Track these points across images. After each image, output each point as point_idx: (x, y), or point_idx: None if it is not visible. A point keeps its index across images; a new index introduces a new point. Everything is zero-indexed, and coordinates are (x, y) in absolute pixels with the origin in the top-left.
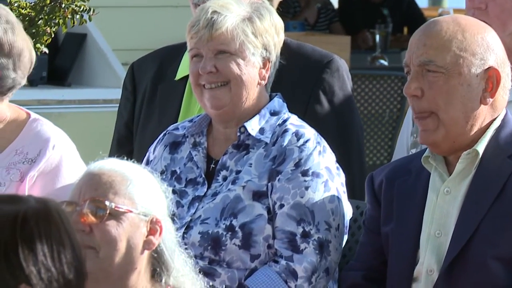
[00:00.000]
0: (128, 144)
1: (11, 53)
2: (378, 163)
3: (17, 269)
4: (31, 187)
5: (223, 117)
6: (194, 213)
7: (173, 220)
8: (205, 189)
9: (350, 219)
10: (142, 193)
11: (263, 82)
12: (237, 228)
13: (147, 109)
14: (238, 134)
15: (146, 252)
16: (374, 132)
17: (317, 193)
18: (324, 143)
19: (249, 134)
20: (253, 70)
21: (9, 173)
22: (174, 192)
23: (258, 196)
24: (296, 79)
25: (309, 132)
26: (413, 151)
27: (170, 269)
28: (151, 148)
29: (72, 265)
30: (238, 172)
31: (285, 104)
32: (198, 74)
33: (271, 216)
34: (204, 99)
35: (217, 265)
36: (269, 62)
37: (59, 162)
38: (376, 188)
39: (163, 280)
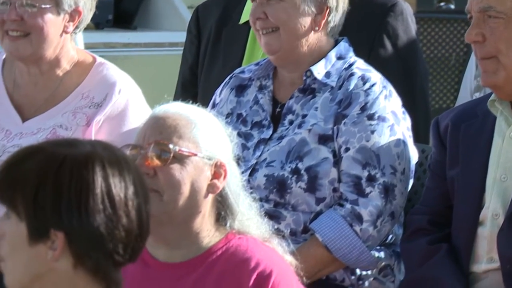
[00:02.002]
0: (193, 88)
1: None
2: (444, 107)
3: (41, 212)
4: (97, 131)
5: (278, 62)
6: (260, 155)
7: (238, 163)
8: (271, 132)
9: (416, 163)
10: (207, 137)
11: (317, 29)
12: (302, 171)
13: (211, 53)
14: (304, 78)
15: (210, 196)
16: (441, 75)
17: (383, 137)
18: (390, 87)
19: (315, 78)
20: (304, 17)
21: (76, 117)
22: (239, 135)
23: (324, 139)
24: (360, 23)
25: (375, 76)
26: (477, 94)
27: (234, 212)
28: (218, 91)
29: (99, 216)
30: (304, 116)
31: (351, 48)
32: (253, 20)
33: (337, 160)
34: (261, 43)
35: (282, 208)
36: (327, 7)
37: (125, 106)
38: (441, 132)
39: (228, 224)
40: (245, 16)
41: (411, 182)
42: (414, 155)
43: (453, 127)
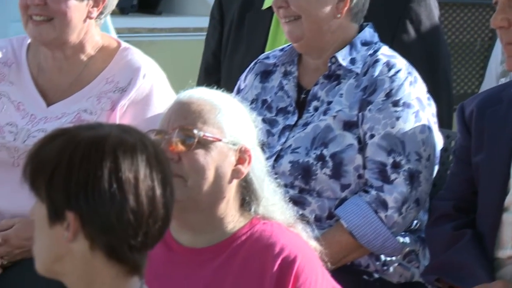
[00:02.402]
0: (216, 73)
1: None
2: (469, 92)
3: (55, 193)
4: (122, 116)
5: (302, 49)
6: (285, 142)
7: (263, 149)
8: (296, 118)
9: (441, 148)
10: (231, 122)
11: (340, 16)
12: (327, 158)
13: (234, 38)
14: (329, 64)
15: (235, 181)
16: (466, 61)
17: (408, 124)
18: (415, 73)
19: (340, 64)
20: (326, 5)
21: (100, 102)
22: (264, 121)
23: (349, 126)
24: (383, 9)
25: (400, 62)
26: (503, 80)
27: (259, 198)
28: (242, 77)
29: (106, 197)
30: (329, 102)
31: (376, 34)
32: (275, 8)
33: (362, 146)
34: (285, 31)
35: (307, 194)
36: None
37: (149, 91)
38: (466, 117)
39: (252, 209)
40: (268, 1)
41: (436, 168)
42: (439, 141)
43: (478, 113)
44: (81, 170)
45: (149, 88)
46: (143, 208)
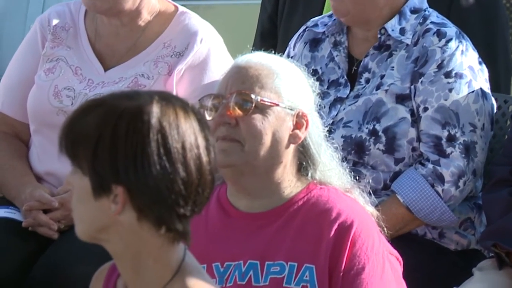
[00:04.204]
0: (271, 38)
1: None
2: None
3: (101, 167)
4: (179, 80)
5: (349, 23)
6: (336, 115)
7: (320, 114)
8: (348, 91)
9: (498, 112)
10: (289, 87)
11: None
12: (380, 133)
13: (291, 2)
14: (379, 35)
15: (292, 146)
16: None
17: (461, 95)
18: (466, 40)
19: (390, 35)
20: None
21: (157, 66)
22: None
23: (401, 98)
24: None
25: (451, 30)
26: None
27: (316, 163)
28: (291, 44)
29: (155, 169)
30: (381, 76)
31: (425, 0)
32: None
33: (415, 119)
34: (331, 5)
35: (362, 166)
36: None
37: (206, 55)
38: None
39: (309, 174)
40: None
41: (491, 133)
42: (493, 104)
43: None
44: (127, 143)
45: (206, 52)
46: (192, 177)
